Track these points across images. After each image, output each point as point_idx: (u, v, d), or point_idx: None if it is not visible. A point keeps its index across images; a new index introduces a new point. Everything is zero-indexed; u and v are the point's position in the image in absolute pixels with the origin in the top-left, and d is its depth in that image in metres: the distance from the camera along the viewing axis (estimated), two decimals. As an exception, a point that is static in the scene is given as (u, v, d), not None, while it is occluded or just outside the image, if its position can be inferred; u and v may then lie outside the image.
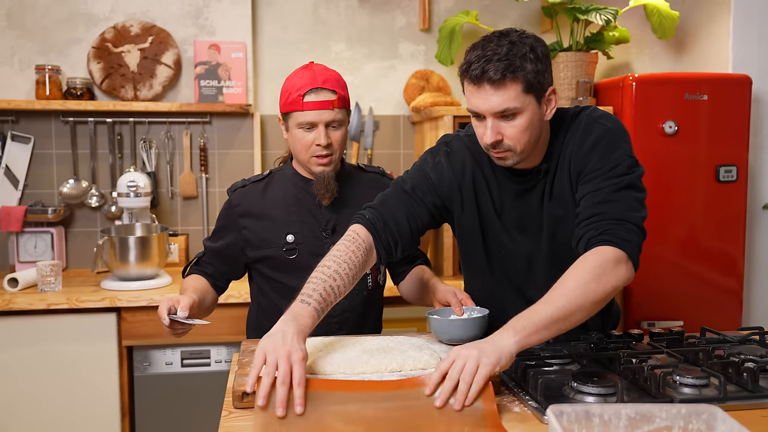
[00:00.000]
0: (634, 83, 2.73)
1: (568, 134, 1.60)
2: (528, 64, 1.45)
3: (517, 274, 1.72)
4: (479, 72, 1.44)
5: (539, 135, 1.54)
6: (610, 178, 1.52)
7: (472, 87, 1.48)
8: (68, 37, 2.99)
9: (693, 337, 1.73)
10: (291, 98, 1.80)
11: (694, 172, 2.76)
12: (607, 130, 1.57)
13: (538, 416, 1.26)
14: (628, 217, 1.48)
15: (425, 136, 3.07)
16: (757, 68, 3.00)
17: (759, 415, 1.28)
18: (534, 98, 1.48)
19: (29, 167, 3.00)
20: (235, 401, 1.32)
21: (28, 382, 2.46)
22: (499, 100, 1.45)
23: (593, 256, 1.43)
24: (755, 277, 3.08)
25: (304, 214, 1.87)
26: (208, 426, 2.50)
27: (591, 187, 1.53)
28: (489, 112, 1.47)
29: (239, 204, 1.90)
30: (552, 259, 1.66)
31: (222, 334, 2.52)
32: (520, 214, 1.67)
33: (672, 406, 1.06)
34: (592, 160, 1.54)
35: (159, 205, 3.08)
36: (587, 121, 1.59)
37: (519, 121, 1.48)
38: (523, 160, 1.56)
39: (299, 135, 1.81)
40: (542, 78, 1.48)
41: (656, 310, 2.71)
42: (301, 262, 1.83)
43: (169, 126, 3.07)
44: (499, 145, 1.50)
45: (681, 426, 1.06)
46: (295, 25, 3.18)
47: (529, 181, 1.63)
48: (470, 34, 3.23)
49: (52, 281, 2.55)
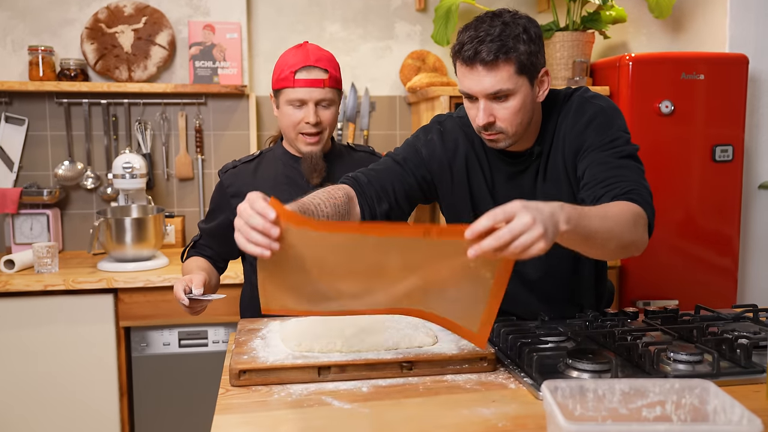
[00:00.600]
0: (630, 63, 2.72)
1: (561, 115, 1.59)
2: (521, 45, 1.43)
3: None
4: (472, 53, 1.43)
5: (531, 117, 1.53)
6: (611, 149, 1.51)
7: (465, 68, 1.46)
8: (61, 18, 2.96)
9: (687, 315, 1.74)
10: (282, 75, 1.81)
11: (690, 151, 2.76)
12: (600, 109, 1.56)
13: (533, 392, 1.27)
14: (643, 184, 1.46)
15: (421, 116, 3.06)
16: (753, 47, 2.99)
17: (751, 390, 1.29)
18: (527, 79, 1.47)
19: (24, 149, 2.99)
20: (232, 379, 1.33)
21: (25, 363, 2.46)
22: (491, 82, 1.44)
23: (628, 206, 1.37)
24: (750, 256, 3.10)
25: (294, 193, 1.86)
26: (206, 405, 2.52)
27: (594, 158, 1.51)
28: (481, 93, 1.46)
29: (231, 185, 1.90)
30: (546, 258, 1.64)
31: (219, 314, 2.53)
32: (512, 195, 1.62)
33: (665, 381, 1.07)
34: (589, 137, 1.54)
35: (155, 186, 3.08)
36: (579, 102, 1.58)
37: (511, 103, 1.46)
38: (515, 143, 1.55)
39: (289, 112, 1.81)
40: (535, 59, 1.47)
41: (652, 290, 2.72)
42: None
43: (165, 107, 3.05)
44: (491, 127, 1.49)
45: (674, 400, 1.06)
46: (290, 5, 3.16)
47: (521, 163, 1.62)
48: (466, 14, 3.21)
49: (48, 263, 2.55)
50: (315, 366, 1.34)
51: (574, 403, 1.06)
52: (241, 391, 1.31)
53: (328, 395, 1.27)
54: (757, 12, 3.01)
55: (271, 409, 1.22)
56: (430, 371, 1.37)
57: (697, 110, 2.75)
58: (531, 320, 1.67)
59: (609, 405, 1.06)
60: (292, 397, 1.27)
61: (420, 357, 1.37)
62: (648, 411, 1.07)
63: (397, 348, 1.41)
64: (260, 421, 1.16)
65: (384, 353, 1.39)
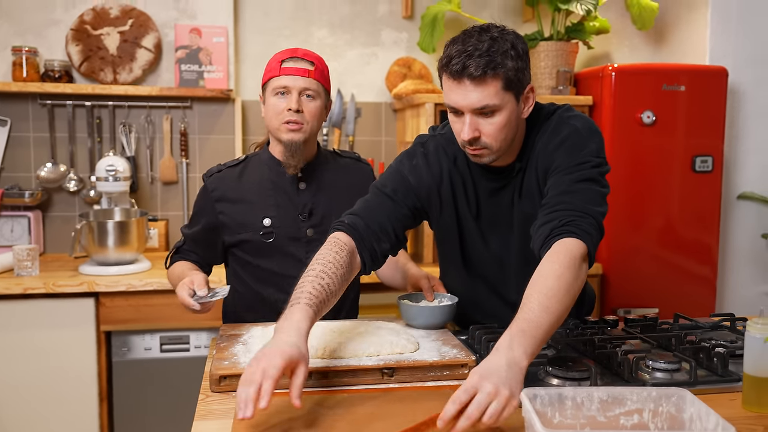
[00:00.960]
0: (613, 73, 2.74)
1: (539, 133, 1.59)
2: (509, 61, 1.43)
3: (491, 274, 1.72)
4: (460, 67, 1.42)
5: (516, 133, 1.53)
6: (574, 172, 1.49)
7: (452, 82, 1.45)
8: (46, 18, 2.94)
9: (666, 323, 1.75)
10: (270, 67, 1.81)
11: (670, 161, 2.79)
12: (575, 130, 1.55)
13: (512, 400, 1.27)
14: (589, 210, 1.44)
15: (407, 123, 3.07)
16: (733, 60, 3.03)
17: (727, 398, 1.30)
18: (513, 96, 1.46)
19: (6, 150, 2.96)
20: (212, 385, 1.33)
21: (3, 367, 2.43)
22: (478, 97, 1.43)
23: (564, 252, 1.36)
24: (729, 265, 3.13)
25: (280, 197, 1.86)
26: (187, 410, 2.50)
27: (555, 181, 1.50)
28: (468, 108, 1.45)
29: (215, 189, 1.88)
30: (524, 259, 1.64)
31: (201, 319, 2.51)
32: (493, 212, 1.66)
33: (643, 389, 1.08)
34: (558, 158, 1.52)
35: (138, 190, 3.06)
36: (558, 121, 1.58)
37: (497, 119, 1.45)
38: (498, 158, 1.54)
39: (273, 102, 1.80)
40: (522, 75, 1.46)
41: (632, 298, 2.74)
42: (278, 245, 1.83)
43: (149, 110, 3.04)
44: (476, 142, 1.48)
45: (651, 408, 1.07)
46: (276, 10, 3.16)
47: (503, 178, 1.62)
48: (452, 22, 3.23)
49: (28, 266, 2.53)
50: (296, 372, 1.33)
51: (553, 411, 1.06)
52: (221, 397, 1.30)
53: (308, 401, 1.27)
54: (737, 25, 3.05)
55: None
56: (411, 377, 1.37)
57: (677, 121, 2.78)
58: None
59: (587, 413, 1.07)
60: (272, 403, 1.26)
61: (401, 363, 1.37)
62: (626, 419, 1.07)
63: (379, 354, 1.41)
64: (239, 428, 1.16)
65: (365, 359, 1.38)
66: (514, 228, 1.65)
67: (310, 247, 1.83)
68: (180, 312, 2.50)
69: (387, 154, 3.23)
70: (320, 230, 1.84)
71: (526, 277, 1.37)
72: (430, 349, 1.47)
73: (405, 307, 1.67)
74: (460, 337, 1.63)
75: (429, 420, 1.10)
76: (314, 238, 1.83)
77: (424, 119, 2.79)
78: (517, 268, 1.67)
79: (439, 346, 1.49)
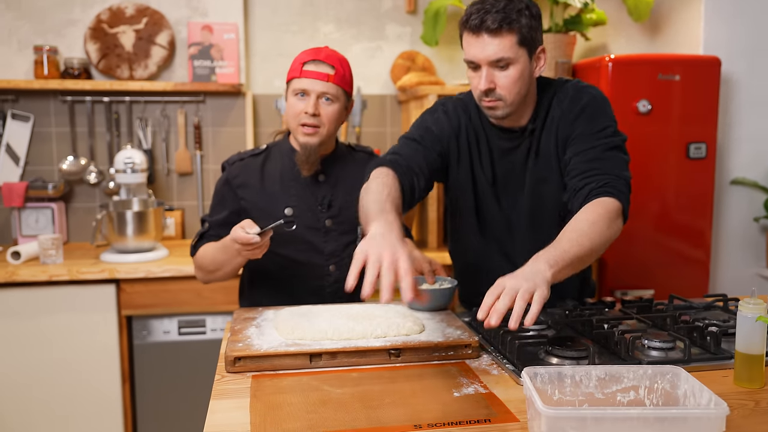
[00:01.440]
0: (610, 64, 2.72)
1: (555, 99, 1.64)
2: (523, 19, 1.49)
3: (502, 236, 1.75)
4: (478, 22, 1.49)
5: (528, 89, 1.58)
6: (599, 139, 1.57)
7: (471, 37, 1.52)
8: (65, 18, 2.94)
9: (661, 304, 1.75)
10: (293, 67, 1.78)
11: (666, 148, 2.77)
12: (592, 98, 1.62)
13: (514, 378, 1.28)
14: (621, 175, 1.53)
15: (411, 114, 3.05)
16: (726, 50, 3.00)
17: (720, 375, 1.31)
18: (526, 52, 1.52)
19: (29, 145, 2.97)
20: (227, 366, 1.33)
21: (31, 351, 2.46)
22: (495, 49, 1.49)
23: (602, 204, 1.46)
24: (721, 248, 3.12)
25: (301, 188, 1.85)
26: (204, 390, 2.52)
27: (581, 146, 1.57)
28: (485, 60, 1.51)
29: (237, 176, 1.85)
30: (531, 223, 1.69)
31: (217, 303, 2.53)
32: (506, 171, 1.70)
33: (639, 367, 1.08)
34: (581, 125, 1.59)
35: (155, 181, 3.06)
36: (575, 89, 1.64)
37: (511, 72, 1.52)
38: (512, 113, 1.59)
39: (292, 102, 1.78)
40: (535, 34, 1.53)
41: (629, 280, 2.74)
42: (298, 234, 1.82)
43: (165, 105, 3.04)
44: (492, 94, 1.54)
45: (647, 385, 1.07)
46: (284, 7, 3.14)
47: (516, 139, 1.66)
48: (454, 16, 3.21)
49: (53, 254, 2.54)
50: (307, 353, 1.34)
51: (553, 389, 1.06)
52: (236, 377, 1.31)
53: (319, 380, 1.27)
54: (730, 16, 3.02)
55: (265, 393, 1.22)
56: (417, 357, 1.38)
57: (672, 109, 2.76)
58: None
59: (585, 390, 1.07)
60: (284, 382, 1.27)
61: (407, 344, 1.37)
62: (622, 395, 1.08)
63: (386, 336, 1.41)
64: (254, 405, 1.16)
65: (373, 341, 1.39)
66: (525, 189, 1.69)
67: (328, 237, 1.83)
68: (196, 297, 2.52)
69: (392, 144, 3.21)
70: (338, 221, 1.84)
71: (534, 244, 1.44)
72: (434, 330, 1.47)
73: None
74: (463, 319, 1.63)
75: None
76: (332, 228, 1.84)
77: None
78: (525, 233, 1.71)
79: (444, 328, 1.49)
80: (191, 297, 2.52)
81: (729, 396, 1.20)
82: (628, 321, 1.58)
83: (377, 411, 1.13)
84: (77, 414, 2.49)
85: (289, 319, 1.48)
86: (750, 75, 3.05)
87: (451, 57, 3.25)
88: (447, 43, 3.23)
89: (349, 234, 1.87)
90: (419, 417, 1.10)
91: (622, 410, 0.91)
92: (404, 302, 1.29)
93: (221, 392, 1.24)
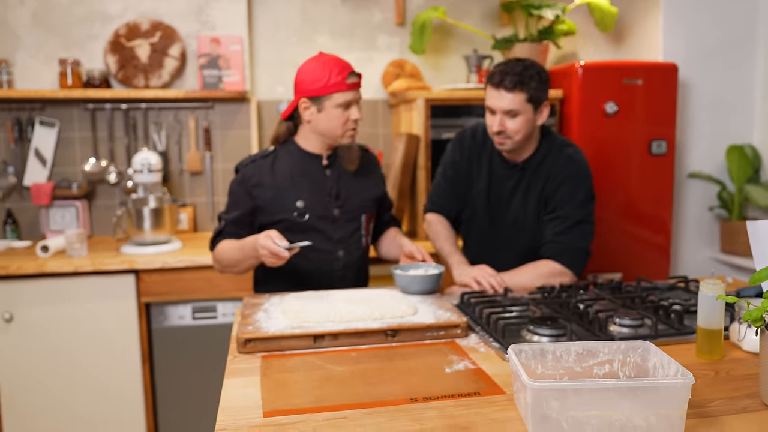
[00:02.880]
0: (580, 70, 2.71)
1: (550, 156, 1.87)
2: (533, 83, 1.76)
3: (489, 239, 2.00)
4: (499, 80, 1.77)
5: (530, 133, 1.84)
6: (573, 209, 1.83)
7: (492, 89, 1.79)
8: (87, 34, 2.90)
9: (630, 286, 1.75)
10: (332, 81, 1.73)
11: (630, 145, 2.77)
12: (578, 169, 1.86)
13: (500, 354, 1.27)
14: (580, 247, 1.83)
15: (401, 116, 3.03)
16: (683, 57, 3.00)
17: (684, 348, 1.30)
18: (532, 107, 1.79)
19: (56, 149, 2.93)
20: (239, 347, 1.32)
21: (59, 336, 2.43)
22: (508, 102, 1.77)
23: (550, 266, 1.81)
24: (681, 234, 3.12)
25: (310, 182, 1.84)
26: (217, 369, 2.50)
27: (558, 213, 1.85)
28: (500, 109, 1.78)
29: (252, 176, 1.83)
30: (510, 234, 1.94)
31: (227, 290, 2.51)
32: (497, 195, 1.93)
33: (612, 342, 1.07)
34: (563, 191, 1.84)
35: (169, 180, 3.03)
36: (566, 158, 1.86)
37: (518, 120, 1.78)
38: (516, 149, 1.85)
39: (337, 113, 1.76)
40: (541, 94, 1.79)
41: (600, 264, 2.73)
42: (310, 223, 1.81)
43: (177, 111, 3.00)
44: (502, 134, 1.81)
45: (620, 359, 1.07)
46: (285, 21, 3.11)
47: (510, 170, 1.90)
48: (439, 27, 3.19)
49: (78, 247, 2.51)
50: (311, 335, 1.33)
51: (536, 363, 1.06)
52: (247, 357, 1.29)
53: (322, 359, 1.26)
54: (686, 27, 3.01)
55: (274, 372, 1.20)
56: (411, 337, 1.37)
57: (636, 110, 2.75)
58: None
59: (565, 364, 1.06)
60: (291, 361, 1.25)
61: (402, 326, 1.36)
62: (598, 368, 1.07)
63: (383, 318, 1.40)
64: (264, 383, 1.15)
65: (371, 323, 1.38)
66: (506, 213, 1.93)
67: (336, 225, 1.83)
68: (208, 285, 2.50)
69: (385, 144, 3.20)
70: (344, 210, 1.85)
71: (508, 260, 1.87)
72: (427, 312, 1.46)
73: (399, 276, 1.66)
74: (452, 302, 1.62)
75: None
76: (339, 217, 1.83)
77: (416, 113, 2.76)
78: (505, 240, 1.96)
79: (435, 310, 1.48)
80: (204, 285, 2.50)
81: (693, 367, 1.19)
82: (601, 301, 1.57)
83: (376, 387, 1.11)
84: (102, 392, 2.47)
85: (295, 304, 1.47)
86: (704, 79, 3.05)
87: (436, 64, 3.23)
88: (433, 52, 3.21)
89: (353, 222, 1.87)
90: (415, 391, 1.09)
91: (599, 382, 0.90)
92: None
93: (234, 371, 1.22)
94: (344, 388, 1.11)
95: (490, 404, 1.04)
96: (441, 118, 2.76)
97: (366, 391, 1.09)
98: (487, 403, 1.05)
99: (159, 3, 2.94)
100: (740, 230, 2.96)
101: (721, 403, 1.05)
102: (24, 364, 2.42)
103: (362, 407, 1.03)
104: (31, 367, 2.42)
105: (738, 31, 3.05)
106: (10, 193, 2.92)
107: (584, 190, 1.85)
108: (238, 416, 1.02)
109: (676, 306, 1.46)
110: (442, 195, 2.03)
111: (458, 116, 2.82)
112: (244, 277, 2.47)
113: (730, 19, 3.04)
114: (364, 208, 1.89)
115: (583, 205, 1.84)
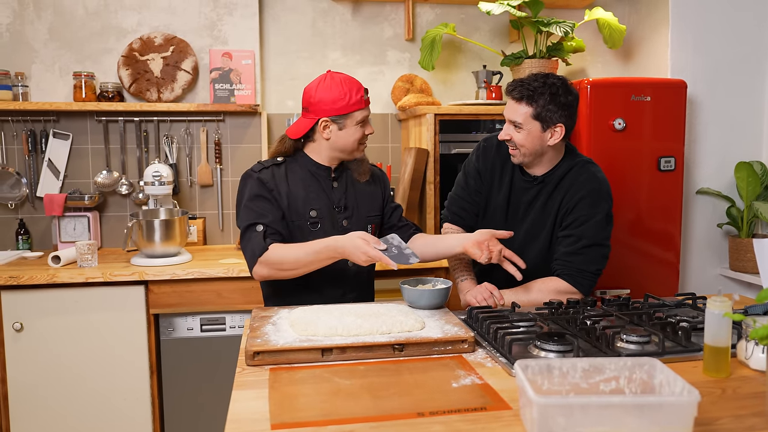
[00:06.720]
0: (589, 86, 2.72)
1: (572, 172, 1.85)
2: (542, 101, 1.74)
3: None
4: (511, 89, 1.79)
5: (539, 151, 1.81)
6: (589, 229, 1.80)
7: (508, 98, 1.82)
8: (101, 48, 2.95)
9: (637, 302, 1.75)
10: (353, 100, 1.77)
11: (639, 162, 2.77)
12: (597, 189, 1.83)
13: (507, 370, 1.27)
14: (590, 269, 1.81)
15: (410, 131, 3.06)
16: (691, 74, 3.01)
17: (690, 366, 1.30)
18: (539, 124, 1.76)
19: (68, 160, 2.97)
20: (247, 360, 1.33)
21: (69, 345, 2.45)
22: (513, 113, 1.78)
23: (558, 284, 1.81)
24: (689, 251, 3.11)
25: (321, 193, 1.86)
26: (225, 382, 2.51)
27: (572, 231, 1.82)
28: (507, 118, 1.81)
29: (269, 180, 1.82)
30: (524, 245, 1.89)
31: (235, 303, 2.52)
32: (516, 207, 1.92)
33: (619, 359, 1.08)
34: (580, 209, 1.82)
35: (180, 192, 3.06)
36: (588, 176, 1.84)
37: (521, 133, 1.78)
38: (528, 162, 1.84)
39: (355, 130, 1.81)
40: (551, 114, 1.75)
41: (608, 280, 2.72)
42: (320, 233, 1.82)
43: (188, 123, 3.04)
44: (510, 143, 1.82)
45: (626, 375, 1.07)
46: (296, 36, 3.15)
47: (529, 183, 1.89)
48: (448, 43, 3.22)
49: (89, 258, 2.54)
50: (319, 348, 1.34)
51: (542, 379, 1.06)
52: (255, 369, 1.30)
53: (330, 372, 1.27)
54: (695, 44, 3.03)
55: (282, 385, 1.21)
56: (418, 351, 1.38)
57: (644, 127, 2.76)
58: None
59: (572, 380, 1.07)
60: (299, 374, 1.27)
61: (410, 340, 1.37)
62: (605, 385, 1.07)
63: (390, 332, 1.41)
64: (272, 396, 1.16)
65: (378, 337, 1.39)
66: (521, 224, 1.90)
67: (344, 234, 1.84)
68: (217, 297, 2.51)
69: (394, 158, 3.22)
70: (352, 221, 1.88)
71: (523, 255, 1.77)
72: (434, 327, 1.47)
73: (407, 290, 1.66)
74: (460, 317, 1.63)
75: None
76: (348, 228, 1.85)
77: (425, 128, 2.78)
78: (517, 246, 1.90)
79: (442, 325, 1.48)
80: (212, 297, 2.52)
81: (699, 384, 1.19)
82: (608, 317, 1.57)
83: (383, 400, 1.12)
84: (109, 403, 2.48)
85: (303, 316, 1.48)
86: (712, 96, 3.06)
87: (445, 79, 3.26)
88: (442, 67, 3.24)
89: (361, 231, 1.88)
90: (422, 406, 1.10)
91: (606, 398, 0.91)
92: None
93: (242, 384, 1.23)
94: (352, 401, 1.12)
95: (496, 419, 1.05)
96: (450, 133, 2.78)
97: (373, 405, 1.10)
98: (493, 418, 1.05)
99: (173, 18, 2.99)
100: (749, 247, 2.95)
101: (728, 421, 1.05)
102: (33, 373, 2.44)
103: (369, 421, 1.04)
104: (40, 376, 2.44)
105: (746, 47, 3.06)
106: (23, 203, 2.96)
107: (603, 212, 1.82)
108: (246, 429, 1.03)
109: (684, 323, 1.46)
110: (462, 206, 2.00)
111: (467, 131, 2.84)
112: (253, 290, 2.48)
113: (739, 35, 3.05)
114: (371, 219, 1.92)
115: (600, 227, 1.81)
